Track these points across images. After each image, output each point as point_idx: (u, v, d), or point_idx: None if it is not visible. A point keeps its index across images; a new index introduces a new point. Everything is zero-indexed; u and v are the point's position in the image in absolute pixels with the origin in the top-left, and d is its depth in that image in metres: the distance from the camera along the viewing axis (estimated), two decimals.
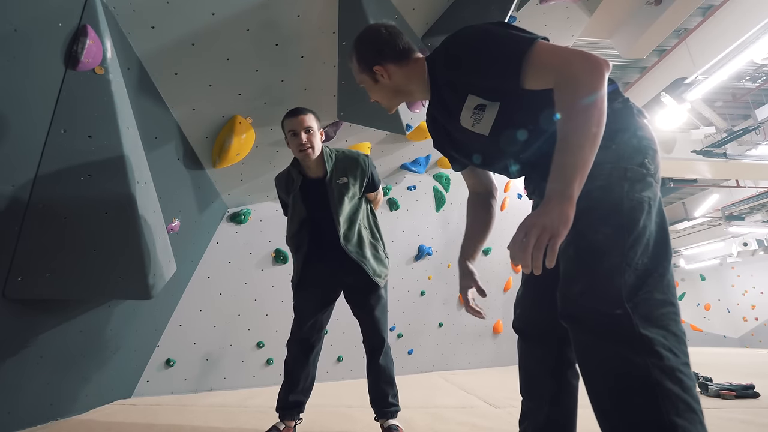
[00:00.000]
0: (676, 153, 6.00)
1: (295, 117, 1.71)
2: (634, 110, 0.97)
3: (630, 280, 0.82)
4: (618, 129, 0.92)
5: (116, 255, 1.75)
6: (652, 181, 0.91)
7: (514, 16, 2.83)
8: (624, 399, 0.78)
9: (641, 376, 0.76)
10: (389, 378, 1.81)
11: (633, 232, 0.85)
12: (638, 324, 0.78)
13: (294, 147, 1.73)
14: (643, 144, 0.93)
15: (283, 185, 1.90)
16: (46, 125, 1.57)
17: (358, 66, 1.16)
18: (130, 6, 1.70)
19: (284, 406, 1.78)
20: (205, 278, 2.96)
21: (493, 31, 0.96)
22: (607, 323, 0.81)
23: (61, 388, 1.98)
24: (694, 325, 11.81)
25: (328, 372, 3.36)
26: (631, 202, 0.87)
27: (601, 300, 0.82)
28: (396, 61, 1.11)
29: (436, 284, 4.17)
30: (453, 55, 0.99)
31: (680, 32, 4.54)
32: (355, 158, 1.84)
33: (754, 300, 11.79)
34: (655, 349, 0.77)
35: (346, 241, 1.79)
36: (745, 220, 8.90)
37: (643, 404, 0.75)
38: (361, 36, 1.15)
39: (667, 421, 0.73)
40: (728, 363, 4.81)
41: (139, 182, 1.79)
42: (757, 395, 2.53)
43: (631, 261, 0.83)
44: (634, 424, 0.76)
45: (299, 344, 1.82)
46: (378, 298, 1.84)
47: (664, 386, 0.75)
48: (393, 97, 1.16)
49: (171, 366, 2.74)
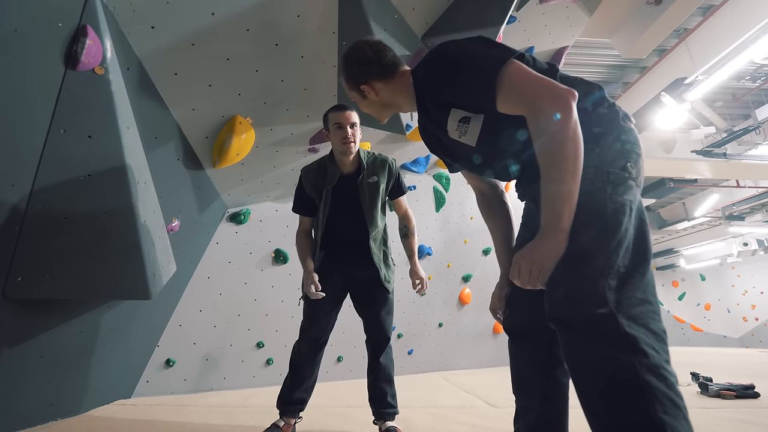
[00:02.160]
0: (676, 153, 6.00)
1: (342, 111, 1.76)
2: (619, 114, 0.99)
3: (613, 282, 0.84)
4: (602, 133, 0.95)
5: (116, 255, 1.75)
6: (634, 184, 0.93)
7: (514, 16, 2.83)
8: (614, 399, 0.78)
9: (630, 376, 0.77)
10: (388, 376, 1.83)
11: (616, 235, 0.86)
12: (623, 323, 0.80)
13: (338, 140, 1.75)
14: (627, 148, 0.94)
15: (311, 178, 1.87)
16: (45, 125, 1.57)
17: (346, 84, 1.20)
18: (130, 6, 1.70)
19: (287, 403, 1.78)
20: (205, 278, 2.96)
21: (469, 49, 0.98)
22: (593, 324, 0.82)
23: (61, 388, 1.98)
24: (694, 325, 11.80)
25: (328, 372, 3.36)
26: (614, 204, 0.88)
27: (586, 301, 0.83)
28: (381, 78, 1.14)
29: (436, 284, 4.17)
30: (431, 74, 1.03)
31: (680, 32, 4.53)
32: (384, 160, 1.89)
33: (755, 300, 11.79)
34: (640, 347, 0.78)
35: (373, 241, 1.83)
36: (745, 220, 8.90)
37: (633, 404, 0.76)
38: (347, 55, 1.18)
39: (656, 419, 0.74)
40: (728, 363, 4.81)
41: (138, 182, 1.79)
42: (758, 395, 2.52)
43: (614, 263, 0.85)
44: (625, 424, 0.77)
45: (310, 342, 1.83)
46: (386, 299, 1.86)
47: (651, 384, 0.76)
48: (382, 111, 1.21)
49: (171, 366, 2.74)
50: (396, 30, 2.25)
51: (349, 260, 1.84)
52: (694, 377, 3.04)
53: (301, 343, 1.84)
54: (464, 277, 4.33)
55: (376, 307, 1.84)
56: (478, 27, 2.40)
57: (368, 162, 1.85)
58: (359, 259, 1.83)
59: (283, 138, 2.71)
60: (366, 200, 1.82)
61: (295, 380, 1.80)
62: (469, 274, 4.34)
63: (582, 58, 5.02)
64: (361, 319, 1.89)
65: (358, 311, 1.91)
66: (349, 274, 1.86)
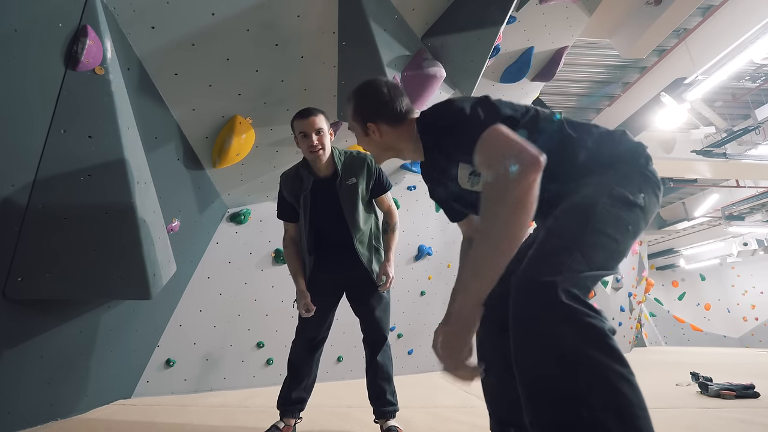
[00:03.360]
0: (675, 153, 6.01)
1: (305, 118, 1.70)
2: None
3: (575, 264, 0.81)
4: (622, 161, 0.98)
5: (116, 255, 1.75)
6: (640, 213, 0.93)
7: (514, 16, 2.83)
8: (547, 371, 0.74)
9: (567, 347, 0.73)
10: (387, 375, 1.83)
11: (594, 232, 0.86)
12: (563, 294, 0.76)
13: (305, 148, 1.72)
14: (646, 180, 0.96)
15: (289, 185, 1.87)
16: (46, 125, 1.57)
17: (352, 116, 1.17)
18: (130, 6, 1.70)
19: (287, 403, 1.78)
20: (205, 278, 2.96)
21: (461, 113, 0.98)
22: (536, 290, 0.79)
23: (61, 388, 1.98)
24: (694, 325, 11.83)
25: (328, 372, 3.36)
26: (608, 212, 0.88)
27: (537, 269, 0.81)
28: (391, 123, 1.12)
29: (436, 284, 4.17)
30: (433, 134, 1.04)
31: (680, 32, 4.54)
32: (362, 159, 1.85)
33: (754, 300, 11.81)
34: (580, 319, 0.75)
35: (359, 243, 1.82)
36: (745, 219, 8.91)
37: (562, 376, 0.72)
38: (362, 89, 1.16)
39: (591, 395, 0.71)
40: (728, 363, 4.81)
41: (139, 182, 1.79)
42: (757, 395, 2.53)
43: (586, 253, 0.83)
44: (557, 397, 0.73)
45: (306, 342, 1.83)
46: (380, 298, 1.86)
47: (591, 356, 0.72)
48: (381, 152, 1.19)
49: (171, 366, 2.74)
50: (396, 30, 2.26)
51: (339, 264, 1.84)
52: (694, 377, 3.04)
53: (297, 343, 1.84)
54: None
55: (370, 307, 1.84)
56: (477, 27, 2.40)
57: (344, 163, 1.81)
58: (348, 260, 1.82)
59: (283, 138, 2.71)
60: (346, 203, 1.80)
61: (294, 380, 1.80)
62: None
63: (582, 58, 5.03)
64: (358, 318, 1.90)
65: (355, 311, 1.91)
66: (339, 273, 1.86)
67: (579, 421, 0.70)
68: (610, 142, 1.03)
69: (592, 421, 0.69)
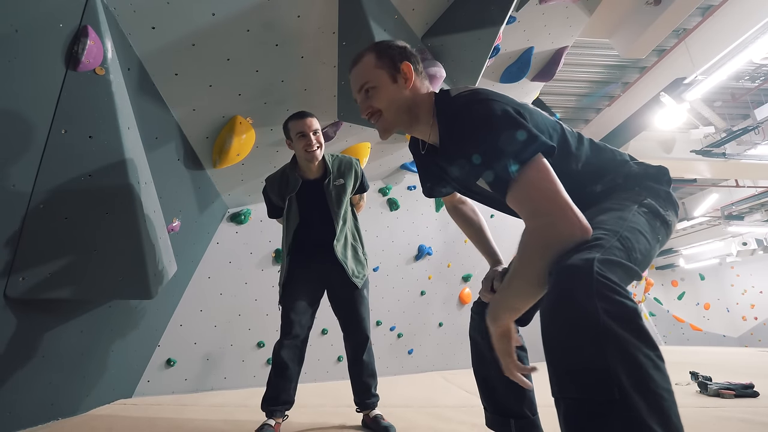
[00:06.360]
0: (675, 153, 6.01)
1: (303, 119, 1.80)
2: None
3: (614, 249, 0.82)
4: (648, 179, 1.04)
5: (117, 255, 1.76)
6: (665, 229, 0.97)
7: (514, 16, 2.83)
8: (576, 343, 0.73)
9: (598, 322, 0.71)
10: (372, 372, 1.91)
11: (631, 229, 0.88)
12: (599, 270, 0.74)
13: (301, 148, 1.79)
14: (670, 200, 1.03)
15: (276, 188, 1.95)
16: (46, 126, 1.58)
17: (376, 61, 1.04)
18: (130, 6, 1.71)
19: (276, 403, 1.80)
20: (206, 278, 2.96)
21: (501, 124, 0.90)
22: (573, 265, 0.77)
23: (62, 388, 1.99)
24: (693, 325, 11.82)
25: (328, 372, 3.36)
26: (641, 216, 0.93)
27: (576, 248, 0.81)
28: (418, 75, 1.08)
29: (436, 284, 4.17)
30: (460, 140, 0.96)
31: (679, 32, 4.54)
32: (349, 161, 1.96)
33: (754, 299, 11.81)
34: (612, 297, 0.72)
35: (337, 242, 1.87)
36: (744, 219, 8.91)
37: (591, 350, 0.71)
38: (384, 41, 1.11)
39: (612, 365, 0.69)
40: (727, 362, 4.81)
41: (139, 182, 1.79)
42: (757, 394, 2.53)
43: (625, 242, 0.85)
44: (579, 366, 0.72)
45: (292, 342, 1.85)
46: (360, 297, 1.90)
47: (619, 335, 0.70)
48: (398, 114, 1.05)
49: (172, 366, 2.75)
50: (396, 30, 2.26)
51: (317, 260, 1.89)
52: (694, 376, 3.04)
53: (283, 343, 1.85)
54: (464, 277, 4.34)
55: (350, 308, 1.89)
56: (477, 27, 2.41)
57: (334, 165, 1.91)
58: (329, 261, 1.87)
59: (283, 138, 2.71)
60: (333, 203, 1.88)
61: (283, 380, 1.82)
62: (469, 274, 4.34)
63: (582, 58, 5.03)
64: (338, 318, 1.93)
65: (335, 311, 1.95)
66: (319, 272, 1.90)
67: (603, 395, 0.69)
68: (635, 166, 1.08)
69: (618, 397, 0.68)
